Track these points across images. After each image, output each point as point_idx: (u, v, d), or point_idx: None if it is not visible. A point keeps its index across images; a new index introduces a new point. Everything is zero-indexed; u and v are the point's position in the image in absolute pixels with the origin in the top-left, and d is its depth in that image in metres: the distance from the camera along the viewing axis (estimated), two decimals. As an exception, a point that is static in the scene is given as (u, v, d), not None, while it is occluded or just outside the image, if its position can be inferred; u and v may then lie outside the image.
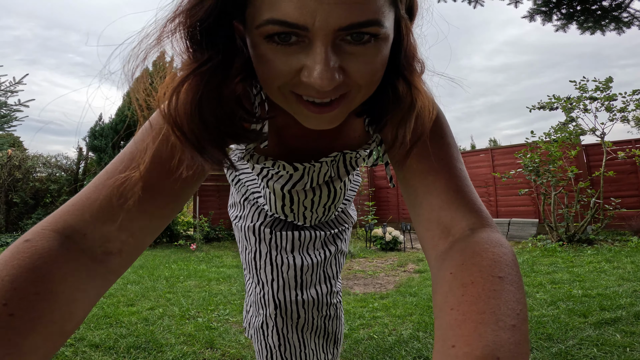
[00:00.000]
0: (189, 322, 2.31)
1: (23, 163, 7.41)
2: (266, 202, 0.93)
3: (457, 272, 0.35)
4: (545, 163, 5.21)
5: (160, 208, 0.41)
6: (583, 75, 5.06)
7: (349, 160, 0.68)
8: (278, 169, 0.64)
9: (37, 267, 0.31)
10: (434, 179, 0.45)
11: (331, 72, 0.34)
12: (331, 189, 0.79)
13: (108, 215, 0.37)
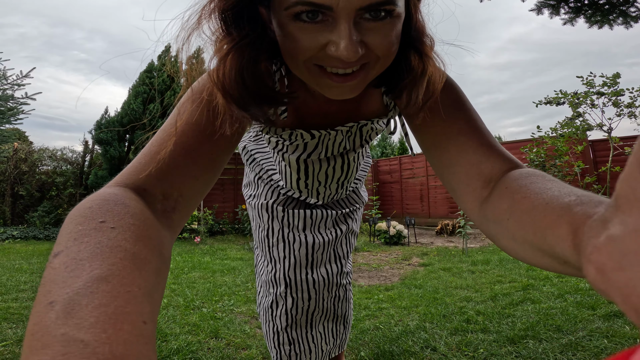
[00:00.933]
0: (193, 313, 2.31)
1: (29, 156, 7.44)
2: (282, 177, 0.95)
3: (511, 184, 0.39)
4: (551, 158, 5.17)
5: (201, 171, 0.45)
6: (590, 71, 5.01)
7: (365, 132, 0.71)
8: (295, 138, 0.67)
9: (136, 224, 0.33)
10: (465, 139, 0.49)
11: (355, 45, 0.39)
12: (345, 160, 0.81)
13: (161, 175, 0.41)
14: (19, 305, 2.41)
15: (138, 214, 0.34)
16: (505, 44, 44.94)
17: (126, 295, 0.25)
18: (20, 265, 3.79)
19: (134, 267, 0.28)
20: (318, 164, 0.81)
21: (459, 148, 0.49)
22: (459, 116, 0.51)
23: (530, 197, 0.35)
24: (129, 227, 0.31)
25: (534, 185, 0.37)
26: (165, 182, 0.42)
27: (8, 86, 5.72)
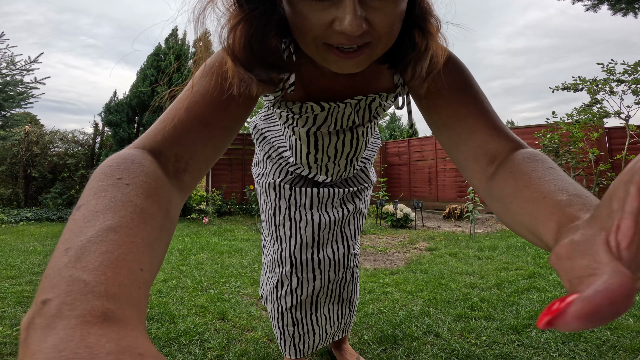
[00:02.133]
0: (201, 294, 2.36)
1: (40, 139, 7.54)
2: (292, 153, 0.97)
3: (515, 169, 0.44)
4: (565, 144, 5.06)
5: (212, 137, 0.49)
6: (611, 58, 4.82)
7: (374, 108, 0.73)
8: (305, 111, 0.69)
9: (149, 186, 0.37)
10: (474, 120, 0.53)
11: (359, 20, 0.41)
12: (354, 135, 0.84)
13: (174, 138, 0.45)
14: (33, 289, 2.44)
15: (151, 173, 0.37)
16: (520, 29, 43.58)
17: (130, 245, 0.28)
18: (34, 248, 3.87)
19: (140, 220, 0.31)
20: (327, 137, 0.83)
21: (468, 129, 0.53)
22: (468, 98, 0.55)
23: (531, 188, 0.40)
24: (141, 185, 0.35)
25: (535, 173, 0.42)
26: (178, 145, 0.45)
27: (17, 71, 5.76)
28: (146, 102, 6.61)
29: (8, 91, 5.63)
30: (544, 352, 1.53)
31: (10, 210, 6.55)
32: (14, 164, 7.29)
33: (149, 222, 0.32)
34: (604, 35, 35.08)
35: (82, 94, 31.98)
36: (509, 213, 0.43)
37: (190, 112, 0.47)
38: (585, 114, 5.05)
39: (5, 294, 2.30)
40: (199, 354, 1.55)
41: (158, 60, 6.78)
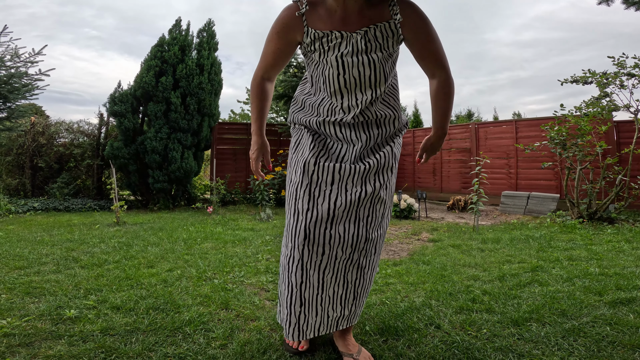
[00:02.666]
0: (205, 284, 2.39)
1: (46, 129, 7.57)
2: (325, 86, 1.30)
3: (433, 95, 1.30)
4: (573, 137, 5.00)
5: (280, 61, 1.34)
6: (622, 52, 4.72)
7: (380, 36, 1.20)
8: (330, 40, 1.21)
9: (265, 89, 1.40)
10: (428, 54, 1.23)
11: None
12: (370, 59, 1.22)
13: (267, 69, 1.35)
14: (41, 279, 2.45)
15: (265, 85, 1.39)
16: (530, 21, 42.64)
17: (260, 115, 1.42)
18: (42, 238, 3.90)
19: (262, 103, 1.41)
20: (350, 59, 1.21)
21: (426, 58, 1.25)
22: (427, 43, 1.22)
23: (433, 107, 1.32)
24: (264, 93, 1.40)
25: (435, 101, 1.30)
26: (269, 71, 1.36)
27: (21, 64, 5.76)
28: (150, 92, 6.60)
29: (13, 83, 5.65)
30: (543, 346, 1.54)
31: (18, 200, 6.63)
32: (21, 154, 7.35)
33: (266, 102, 1.42)
34: (615, 29, 34.44)
35: (86, 85, 31.98)
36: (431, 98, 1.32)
37: (270, 54, 1.29)
38: (594, 107, 4.97)
39: (14, 284, 2.33)
40: (203, 343, 1.58)
41: (162, 51, 6.75)
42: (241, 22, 35.03)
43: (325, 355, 1.48)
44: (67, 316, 1.82)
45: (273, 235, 4.10)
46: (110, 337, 1.63)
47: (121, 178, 7.26)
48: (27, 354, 1.47)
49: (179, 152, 6.58)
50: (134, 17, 37.60)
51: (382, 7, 1.19)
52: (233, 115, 16.64)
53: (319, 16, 1.20)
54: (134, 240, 3.72)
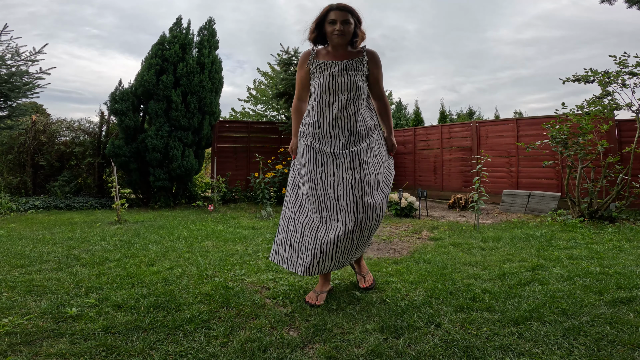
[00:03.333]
0: (206, 282, 2.39)
1: (47, 127, 7.57)
2: (320, 86, 2.03)
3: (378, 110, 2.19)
4: (574, 136, 4.99)
5: (306, 89, 2.16)
6: (624, 51, 4.70)
7: (353, 65, 2.02)
8: (325, 65, 2.01)
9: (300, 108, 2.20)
10: (375, 87, 2.15)
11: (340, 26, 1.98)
12: (348, 75, 2.00)
13: (300, 93, 2.19)
14: (42, 277, 2.46)
15: (300, 105, 2.19)
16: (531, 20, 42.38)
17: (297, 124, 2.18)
18: (43, 236, 3.91)
19: (299, 116, 2.18)
20: (336, 74, 1.99)
21: (373, 89, 2.14)
22: (377, 77, 2.12)
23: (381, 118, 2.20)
24: (299, 111, 2.18)
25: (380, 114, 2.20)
26: (301, 94, 2.18)
27: (22, 62, 5.76)
28: (151, 90, 6.59)
29: (14, 82, 5.65)
30: (543, 345, 1.54)
31: (19, 198, 6.64)
32: (22, 152, 7.36)
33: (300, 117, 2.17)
34: (617, 28, 34.23)
35: (87, 84, 31.99)
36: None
37: (299, 83, 2.16)
38: (595, 105, 4.96)
39: (15, 283, 2.34)
40: (203, 341, 1.59)
41: (163, 50, 6.74)
42: (242, 21, 34.98)
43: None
44: (69, 314, 1.82)
45: (274, 233, 4.10)
46: (112, 335, 1.63)
47: (122, 176, 7.27)
48: (28, 353, 1.47)
49: (180, 150, 6.58)
50: (134, 15, 37.52)
51: (357, 52, 2.09)
52: (234, 114, 16.63)
53: (322, 55, 2.10)
54: (135, 239, 3.73)
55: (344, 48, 2.05)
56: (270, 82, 14.83)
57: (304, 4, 34.45)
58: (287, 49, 7.27)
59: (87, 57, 31.84)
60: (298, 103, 2.18)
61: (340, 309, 1.96)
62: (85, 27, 31.94)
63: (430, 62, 37.01)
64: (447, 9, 35.64)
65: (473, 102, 36.19)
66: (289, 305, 2.03)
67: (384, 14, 36.80)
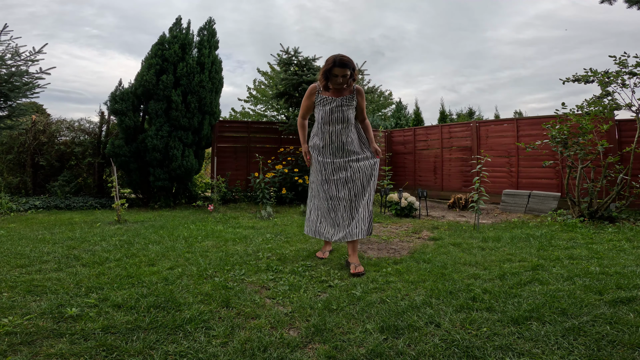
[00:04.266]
0: (206, 282, 2.39)
1: (47, 127, 7.56)
2: (322, 117, 2.86)
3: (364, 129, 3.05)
4: (574, 135, 4.99)
5: (310, 110, 3.00)
6: (624, 51, 4.70)
7: (347, 101, 2.85)
8: (326, 99, 2.85)
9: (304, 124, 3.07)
10: (361, 115, 2.98)
11: (341, 79, 2.75)
12: (342, 109, 2.84)
13: (304, 114, 3.03)
14: (42, 277, 2.45)
15: (304, 122, 3.06)
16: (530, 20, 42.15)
17: (304, 135, 3.06)
18: (43, 236, 3.90)
19: (304, 130, 3.05)
20: (335, 108, 2.83)
21: (360, 115, 2.97)
22: (362, 106, 2.94)
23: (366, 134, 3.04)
24: (304, 127, 3.06)
25: (365, 132, 3.03)
26: (305, 114, 3.03)
27: (22, 62, 5.76)
28: (151, 90, 6.59)
29: (14, 82, 5.65)
30: (543, 345, 1.54)
31: (19, 198, 6.63)
32: (22, 152, 7.35)
33: (305, 129, 3.05)
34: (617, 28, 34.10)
35: (87, 84, 32.00)
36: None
37: (304, 108, 2.97)
38: (595, 105, 4.95)
39: (15, 282, 2.34)
40: (203, 341, 1.59)
41: (163, 50, 6.74)
42: (241, 21, 34.94)
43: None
44: (69, 314, 1.82)
45: (274, 233, 4.10)
46: (112, 335, 1.63)
47: (122, 176, 7.26)
48: (28, 353, 1.47)
49: (180, 150, 6.58)
50: (134, 16, 37.49)
51: (350, 90, 2.86)
52: (234, 114, 16.63)
53: (324, 91, 2.86)
54: (135, 239, 3.73)
55: (342, 87, 2.87)
56: (270, 82, 14.84)
57: (304, 4, 34.44)
58: (287, 49, 7.27)
59: (87, 57, 31.84)
60: (302, 121, 3.06)
61: (340, 309, 1.96)
62: (85, 27, 31.93)
63: (430, 62, 37.00)
64: (446, 8, 35.56)
65: (473, 102, 36.19)
66: (289, 305, 2.03)
67: (384, 14, 36.81)
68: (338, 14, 35.00)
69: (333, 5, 34.32)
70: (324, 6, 34.42)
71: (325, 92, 2.85)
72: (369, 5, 37.85)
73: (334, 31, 35.02)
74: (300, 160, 7.44)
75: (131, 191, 7.60)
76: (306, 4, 34.49)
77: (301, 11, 34.76)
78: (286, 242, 3.66)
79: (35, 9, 25.13)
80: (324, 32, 34.71)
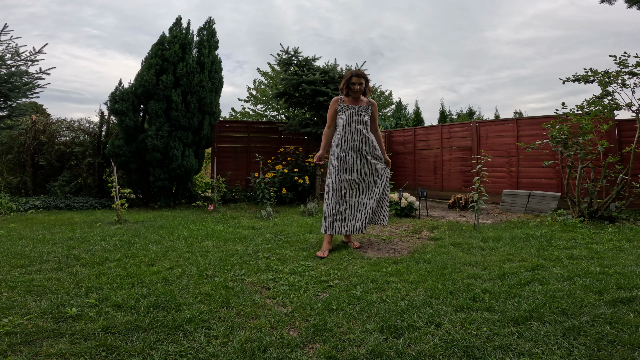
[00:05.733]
0: (206, 282, 2.39)
1: (47, 127, 7.56)
2: (343, 121, 3.47)
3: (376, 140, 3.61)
4: (574, 135, 4.98)
5: (334, 119, 3.55)
6: (624, 51, 4.70)
7: (363, 110, 3.50)
8: (347, 107, 3.47)
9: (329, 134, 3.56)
10: (375, 123, 3.62)
11: (357, 87, 3.43)
12: (361, 114, 3.48)
13: (330, 122, 3.54)
14: (42, 277, 2.45)
15: (330, 133, 3.56)
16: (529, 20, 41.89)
17: (326, 144, 3.55)
18: (43, 236, 3.91)
19: (328, 140, 3.56)
20: (355, 114, 3.46)
21: (372, 124, 3.61)
22: (375, 117, 3.60)
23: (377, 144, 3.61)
24: (328, 136, 3.56)
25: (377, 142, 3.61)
26: (330, 125, 3.54)
27: (22, 62, 5.75)
28: (151, 90, 6.59)
29: (13, 82, 5.65)
30: (543, 345, 1.54)
31: (19, 198, 6.63)
32: (22, 152, 7.35)
33: (329, 139, 3.57)
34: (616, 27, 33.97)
35: (87, 84, 32.02)
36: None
37: (330, 116, 3.52)
38: (595, 105, 4.95)
39: (15, 282, 2.34)
40: (203, 341, 1.59)
41: (163, 50, 6.74)
42: (241, 21, 34.93)
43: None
44: (69, 314, 1.82)
45: (274, 233, 4.10)
46: (112, 335, 1.63)
47: (122, 176, 7.26)
48: (28, 352, 1.47)
49: (180, 150, 6.58)
50: (134, 16, 37.47)
51: (366, 100, 3.49)
52: (234, 114, 16.63)
53: (345, 100, 3.45)
54: (135, 239, 3.73)
55: (359, 98, 3.48)
56: (270, 82, 14.84)
57: (303, 4, 34.44)
58: (287, 49, 7.27)
59: (87, 57, 31.85)
60: (328, 131, 3.52)
61: (340, 309, 1.96)
62: (85, 27, 31.93)
63: (429, 62, 36.96)
64: (445, 9, 35.48)
65: (472, 102, 36.07)
66: (289, 305, 2.03)
67: (383, 14, 36.74)
68: (337, 14, 34.99)
69: (332, 6, 34.32)
70: (322, 6, 34.40)
71: (345, 101, 3.49)
72: (367, 5, 37.83)
73: (333, 31, 34.98)
74: (300, 160, 7.44)
75: (131, 191, 7.60)
76: (305, 4, 34.48)
77: (300, 11, 34.76)
78: (286, 242, 3.66)
79: (35, 10, 25.14)
80: (323, 32, 34.67)
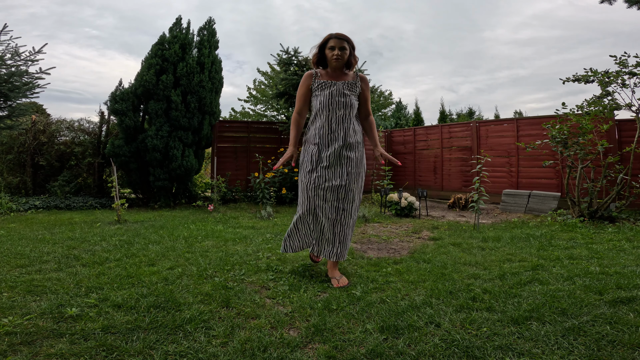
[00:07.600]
0: (206, 282, 2.39)
1: (47, 127, 7.56)
2: (320, 104, 2.44)
3: (368, 127, 2.64)
4: (574, 135, 4.99)
5: (306, 102, 2.55)
6: (624, 51, 4.70)
7: (349, 86, 2.46)
8: (325, 84, 2.44)
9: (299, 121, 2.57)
10: (364, 106, 2.57)
11: (338, 52, 2.41)
12: (343, 96, 2.43)
13: (299, 107, 2.54)
14: (42, 277, 2.45)
15: (299, 119, 2.56)
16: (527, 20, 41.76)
17: (296, 135, 2.56)
18: (43, 236, 3.91)
19: (298, 129, 2.57)
20: (335, 93, 2.42)
21: (362, 107, 2.57)
22: (366, 98, 2.55)
23: (368, 133, 2.65)
24: (298, 124, 2.56)
25: (368, 130, 2.64)
26: (301, 109, 2.54)
27: (22, 62, 5.76)
28: (151, 90, 6.59)
29: (13, 82, 5.65)
30: (543, 345, 1.54)
31: (19, 198, 6.63)
32: (22, 152, 7.35)
33: (299, 129, 2.57)
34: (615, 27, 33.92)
35: (87, 84, 32.07)
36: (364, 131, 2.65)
37: (299, 97, 2.53)
38: (595, 105, 4.95)
39: (15, 282, 2.34)
40: (203, 341, 1.59)
41: (162, 50, 6.74)
42: (240, 21, 34.93)
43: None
44: (69, 314, 1.82)
45: (274, 233, 4.10)
46: (112, 335, 1.63)
47: (122, 176, 7.26)
48: (28, 353, 1.47)
49: (180, 150, 6.58)
50: (133, 16, 37.50)
51: (353, 75, 2.54)
52: (234, 114, 16.63)
53: (322, 75, 2.50)
54: (135, 239, 3.73)
55: (341, 71, 2.51)
56: (270, 82, 14.84)
57: (302, 4, 34.42)
58: (287, 49, 7.27)
59: (87, 57, 31.86)
60: (298, 117, 2.56)
61: (340, 309, 1.96)
62: (84, 27, 31.95)
63: (428, 62, 36.93)
64: (444, 9, 35.43)
65: (472, 102, 36.03)
66: (289, 305, 2.03)
67: (381, 14, 36.75)
68: (336, 14, 35.00)
69: (331, 6, 34.30)
70: (321, 6, 34.41)
71: (323, 76, 2.47)
72: (366, 5, 37.86)
73: (332, 31, 35.02)
74: (300, 160, 7.43)
75: (131, 191, 7.60)
76: (304, 5, 34.48)
77: (299, 11, 34.76)
78: (286, 242, 3.65)
79: (35, 10, 25.14)
80: (323, 33, 34.34)
